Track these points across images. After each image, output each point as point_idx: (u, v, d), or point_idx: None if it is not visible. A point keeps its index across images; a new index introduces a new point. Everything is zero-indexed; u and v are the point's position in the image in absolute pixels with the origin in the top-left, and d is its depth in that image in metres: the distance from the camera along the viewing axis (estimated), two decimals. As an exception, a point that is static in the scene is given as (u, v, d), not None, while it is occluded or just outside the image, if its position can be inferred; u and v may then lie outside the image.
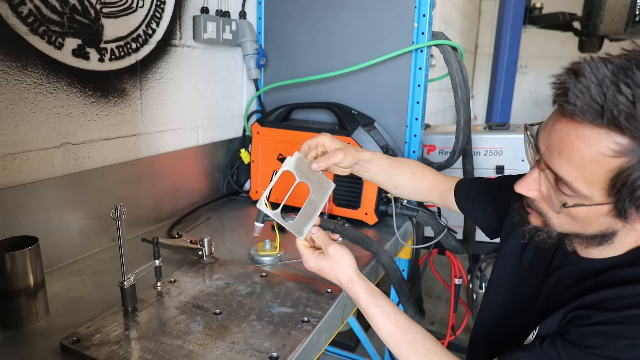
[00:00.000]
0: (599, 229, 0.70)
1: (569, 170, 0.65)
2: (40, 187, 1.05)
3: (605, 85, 0.59)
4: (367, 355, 2.19)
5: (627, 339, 0.64)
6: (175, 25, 1.40)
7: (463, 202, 1.10)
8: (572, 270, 0.79)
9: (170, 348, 0.78)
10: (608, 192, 0.63)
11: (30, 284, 0.86)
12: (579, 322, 0.69)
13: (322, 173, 1.00)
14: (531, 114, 5.92)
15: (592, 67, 0.60)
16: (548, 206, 0.73)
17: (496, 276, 0.96)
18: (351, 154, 1.01)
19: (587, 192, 0.65)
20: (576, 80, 0.61)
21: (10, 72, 0.97)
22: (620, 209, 0.64)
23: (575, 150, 0.63)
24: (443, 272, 2.23)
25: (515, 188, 0.75)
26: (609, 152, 0.60)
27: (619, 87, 0.58)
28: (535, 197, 0.74)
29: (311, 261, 0.92)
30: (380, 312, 0.85)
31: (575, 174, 0.64)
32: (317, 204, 0.97)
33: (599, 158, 0.61)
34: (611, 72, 0.59)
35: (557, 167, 0.66)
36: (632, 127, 0.58)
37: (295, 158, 0.98)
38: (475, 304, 2.12)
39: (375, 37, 1.55)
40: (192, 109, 1.52)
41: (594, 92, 0.59)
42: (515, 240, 0.92)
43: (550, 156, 0.67)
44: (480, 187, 1.07)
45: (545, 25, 3.80)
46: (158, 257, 0.97)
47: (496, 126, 1.94)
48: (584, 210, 0.67)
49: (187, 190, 1.53)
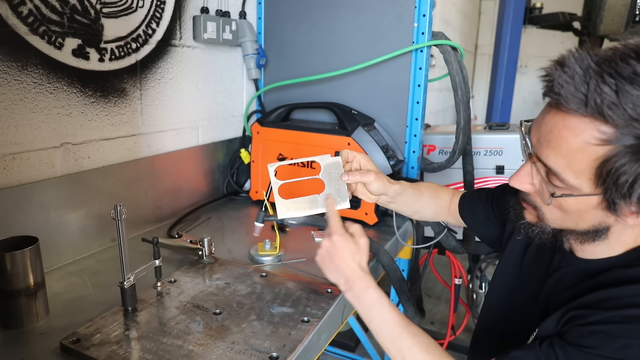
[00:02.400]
0: (591, 224, 0.70)
1: (557, 160, 0.66)
2: (40, 187, 1.05)
3: (589, 75, 0.60)
4: (367, 355, 2.19)
5: (625, 338, 0.64)
6: (175, 25, 1.40)
7: (466, 213, 1.11)
8: (571, 270, 0.79)
9: (170, 348, 0.78)
10: (595, 182, 0.64)
11: (30, 284, 0.86)
12: (576, 322, 0.69)
13: (345, 187, 0.97)
14: (531, 114, 5.82)
15: (576, 58, 0.62)
16: (541, 200, 0.73)
17: (498, 276, 0.97)
18: (382, 181, 1.00)
19: (575, 182, 0.65)
20: (561, 71, 0.63)
21: (10, 72, 0.97)
22: (609, 201, 0.65)
23: (563, 140, 0.64)
24: (443, 272, 2.23)
25: (509, 182, 0.76)
26: (594, 140, 0.61)
27: (602, 77, 0.59)
28: (528, 190, 0.75)
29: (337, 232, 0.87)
30: (389, 303, 0.84)
31: (563, 164, 0.65)
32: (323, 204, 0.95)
33: (584, 147, 0.62)
34: (595, 63, 0.60)
35: (546, 157, 0.67)
36: (616, 116, 0.59)
37: (333, 160, 0.96)
38: (475, 304, 2.12)
39: (375, 37, 1.55)
40: (192, 109, 1.52)
41: (578, 81, 0.61)
42: (516, 242, 0.93)
43: (540, 148, 0.69)
44: (481, 198, 1.08)
45: (545, 25, 3.80)
46: (158, 257, 0.97)
47: (496, 126, 1.94)
48: (574, 203, 0.68)
49: (187, 190, 1.53)
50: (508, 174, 1.78)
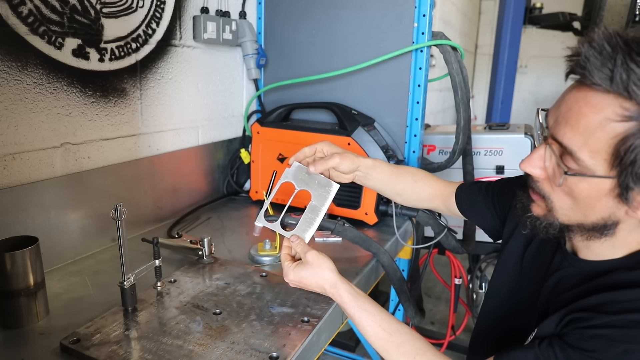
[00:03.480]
0: (601, 216, 0.69)
1: (574, 138, 0.65)
2: (40, 187, 1.05)
3: (617, 51, 0.60)
4: (367, 355, 2.19)
5: (626, 343, 0.63)
6: (175, 25, 1.40)
7: (464, 206, 1.10)
8: (571, 271, 0.78)
9: (170, 348, 0.78)
10: (611, 163, 0.63)
11: (30, 284, 0.86)
12: (577, 325, 0.68)
13: (322, 176, 0.99)
14: (531, 114, 5.87)
15: (605, 35, 0.62)
16: (551, 187, 0.72)
17: (497, 276, 0.96)
18: (349, 158, 1.01)
19: (590, 163, 0.64)
20: (589, 46, 0.62)
21: (10, 72, 0.97)
22: (622, 186, 0.63)
23: (582, 117, 0.63)
24: (443, 272, 2.23)
25: (520, 166, 0.74)
26: (615, 117, 0.61)
27: (630, 55, 0.59)
28: (539, 175, 0.73)
29: (290, 274, 0.89)
30: (366, 315, 0.83)
31: (580, 142, 0.64)
32: (319, 208, 0.96)
33: (604, 124, 0.61)
34: (624, 42, 0.60)
35: (563, 135, 0.66)
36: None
37: (294, 168, 0.98)
38: (475, 304, 2.12)
39: (375, 37, 1.55)
40: (192, 109, 1.52)
41: (605, 56, 0.61)
42: (516, 241, 0.93)
43: (557, 127, 0.68)
44: (481, 190, 1.07)
45: (545, 25, 3.80)
46: (158, 257, 0.97)
47: (496, 126, 1.94)
48: (585, 188, 0.66)
49: (187, 190, 1.53)
50: (508, 174, 1.78)
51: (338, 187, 0.98)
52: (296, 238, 0.92)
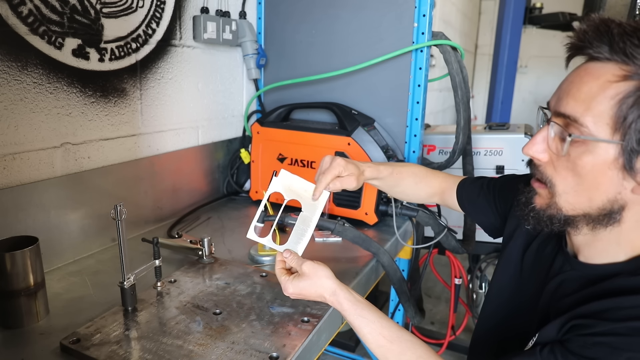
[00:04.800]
0: (607, 197, 0.67)
1: (576, 105, 0.66)
2: (40, 187, 1.05)
3: (612, 26, 0.64)
4: (367, 355, 2.19)
5: (629, 351, 0.62)
6: (175, 25, 1.40)
7: (465, 202, 1.10)
8: (573, 275, 0.77)
9: (170, 348, 0.78)
10: (614, 128, 0.63)
11: (30, 284, 0.86)
12: (579, 332, 0.67)
13: (311, 184, 0.95)
14: (531, 114, 5.89)
15: (602, 16, 0.67)
16: (554, 168, 0.71)
17: (497, 278, 0.95)
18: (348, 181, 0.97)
19: (593, 128, 0.65)
20: (587, 24, 0.67)
21: (10, 72, 0.97)
22: (626, 152, 0.63)
23: (583, 85, 0.66)
24: (443, 272, 2.23)
25: (523, 150, 0.74)
26: (614, 78, 0.63)
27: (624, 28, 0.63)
28: (541, 158, 0.72)
29: (289, 287, 0.86)
30: (366, 322, 0.82)
31: (583, 108, 0.66)
32: (310, 218, 0.93)
33: (605, 86, 0.64)
34: (617, 23, 0.65)
35: (565, 106, 0.68)
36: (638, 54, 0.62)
37: (281, 177, 0.95)
38: (475, 304, 2.12)
39: (375, 37, 1.55)
40: (192, 109, 1.52)
41: (603, 30, 0.65)
42: (516, 243, 0.92)
43: (559, 102, 0.70)
44: (482, 187, 1.07)
45: (545, 25, 3.80)
46: (158, 257, 0.97)
47: (496, 126, 1.94)
48: (589, 161, 0.66)
49: (187, 190, 1.53)
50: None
51: (328, 195, 0.95)
52: (289, 253, 0.90)
